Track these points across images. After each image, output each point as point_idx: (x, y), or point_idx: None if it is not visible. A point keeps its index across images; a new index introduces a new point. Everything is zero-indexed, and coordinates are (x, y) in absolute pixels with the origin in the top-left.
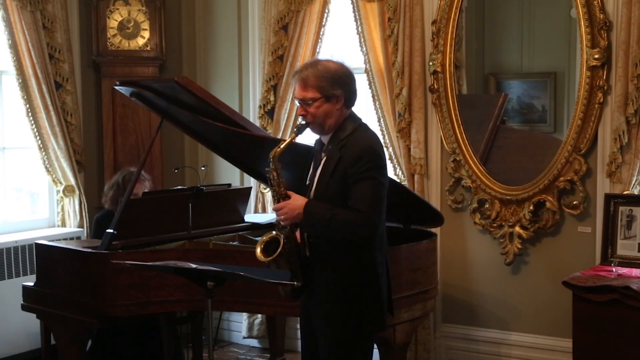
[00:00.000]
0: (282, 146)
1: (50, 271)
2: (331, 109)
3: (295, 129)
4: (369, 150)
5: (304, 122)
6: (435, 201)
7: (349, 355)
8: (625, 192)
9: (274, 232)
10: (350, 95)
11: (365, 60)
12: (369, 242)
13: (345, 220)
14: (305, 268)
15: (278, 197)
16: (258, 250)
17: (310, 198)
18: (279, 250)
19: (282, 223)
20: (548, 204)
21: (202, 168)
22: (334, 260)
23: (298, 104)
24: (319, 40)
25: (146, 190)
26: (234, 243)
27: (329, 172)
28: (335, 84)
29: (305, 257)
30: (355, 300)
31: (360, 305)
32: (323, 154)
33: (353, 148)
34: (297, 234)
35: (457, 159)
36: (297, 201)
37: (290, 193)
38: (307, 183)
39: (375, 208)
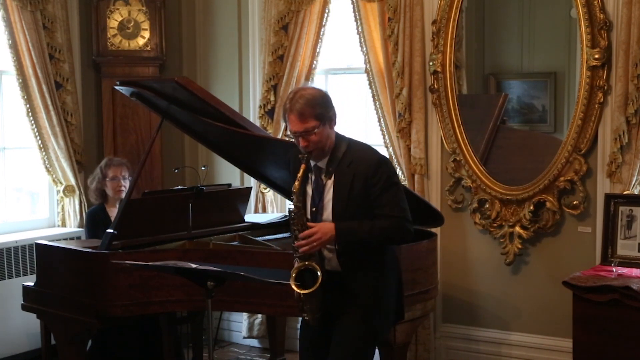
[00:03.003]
0: (299, 179)
1: (50, 271)
2: (328, 131)
3: (302, 159)
4: (382, 159)
5: (306, 153)
6: (435, 201)
7: (368, 349)
8: (625, 192)
9: (305, 263)
10: (336, 114)
11: (365, 60)
12: (406, 241)
13: (385, 228)
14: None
15: (302, 228)
16: (293, 284)
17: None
18: (318, 281)
19: (311, 250)
20: (548, 204)
21: (202, 168)
22: (365, 268)
23: (295, 138)
24: (319, 40)
25: (124, 174)
26: (234, 243)
27: (345, 192)
28: (326, 106)
29: (334, 271)
30: (386, 297)
31: (389, 300)
32: (325, 178)
33: (364, 161)
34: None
35: (457, 159)
36: (326, 225)
37: (310, 223)
38: (312, 209)
39: (406, 211)
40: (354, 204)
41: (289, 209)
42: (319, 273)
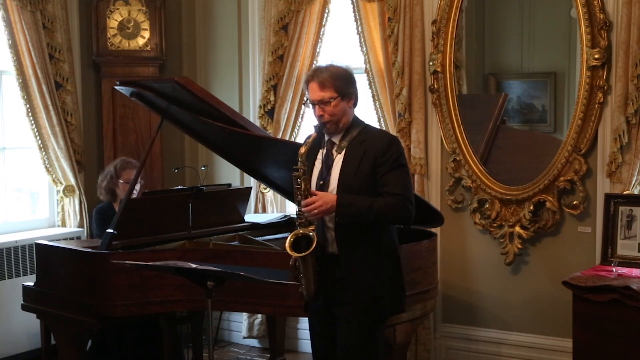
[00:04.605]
0: (308, 144)
1: (50, 271)
2: (345, 107)
3: (315, 128)
4: (394, 139)
5: (320, 122)
6: (435, 201)
7: (374, 337)
8: (625, 192)
9: (301, 230)
10: (357, 95)
11: (365, 60)
12: (407, 223)
13: (385, 205)
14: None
15: (305, 194)
16: (287, 245)
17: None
18: (313, 246)
19: (310, 218)
20: (548, 204)
21: (202, 168)
22: (363, 251)
23: (313, 106)
24: (319, 40)
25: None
26: (234, 243)
27: (354, 167)
28: (349, 83)
29: (333, 254)
30: (384, 284)
31: (387, 288)
32: (335, 152)
33: (377, 140)
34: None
35: (457, 159)
36: (328, 195)
37: (314, 191)
38: (319, 183)
39: (410, 192)
40: (360, 180)
41: (293, 172)
42: (312, 235)
